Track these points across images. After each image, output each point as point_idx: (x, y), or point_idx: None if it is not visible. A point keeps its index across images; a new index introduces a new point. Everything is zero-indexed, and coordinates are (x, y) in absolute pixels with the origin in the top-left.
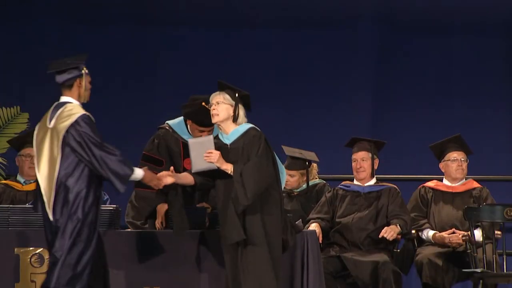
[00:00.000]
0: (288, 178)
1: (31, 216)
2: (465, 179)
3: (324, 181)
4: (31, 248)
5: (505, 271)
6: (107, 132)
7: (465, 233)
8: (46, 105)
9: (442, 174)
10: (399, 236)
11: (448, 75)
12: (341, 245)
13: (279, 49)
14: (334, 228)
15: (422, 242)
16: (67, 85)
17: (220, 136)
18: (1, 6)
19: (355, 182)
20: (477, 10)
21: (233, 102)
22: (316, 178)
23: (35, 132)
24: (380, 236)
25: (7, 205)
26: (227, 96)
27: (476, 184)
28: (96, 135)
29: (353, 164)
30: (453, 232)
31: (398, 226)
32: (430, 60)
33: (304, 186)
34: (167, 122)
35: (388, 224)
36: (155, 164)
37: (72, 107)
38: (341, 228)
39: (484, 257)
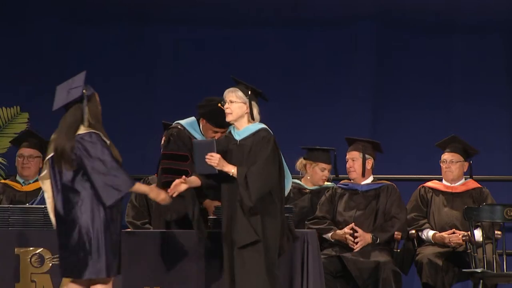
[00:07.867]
0: (317, 171)
1: (31, 216)
2: (465, 179)
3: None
4: (31, 248)
5: (505, 271)
6: (106, 132)
7: (465, 233)
8: (46, 105)
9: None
10: (399, 236)
11: (448, 75)
12: (341, 245)
13: (278, 49)
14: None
15: (422, 242)
16: None
17: (232, 131)
18: (1, 6)
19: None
20: (477, 10)
21: (246, 100)
22: (328, 182)
23: None
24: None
25: (7, 205)
26: (240, 94)
27: (476, 184)
28: None
29: (346, 164)
30: (453, 232)
31: (371, 238)
32: (430, 60)
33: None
34: (178, 121)
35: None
36: (180, 161)
37: None
38: (341, 227)
39: (484, 257)
